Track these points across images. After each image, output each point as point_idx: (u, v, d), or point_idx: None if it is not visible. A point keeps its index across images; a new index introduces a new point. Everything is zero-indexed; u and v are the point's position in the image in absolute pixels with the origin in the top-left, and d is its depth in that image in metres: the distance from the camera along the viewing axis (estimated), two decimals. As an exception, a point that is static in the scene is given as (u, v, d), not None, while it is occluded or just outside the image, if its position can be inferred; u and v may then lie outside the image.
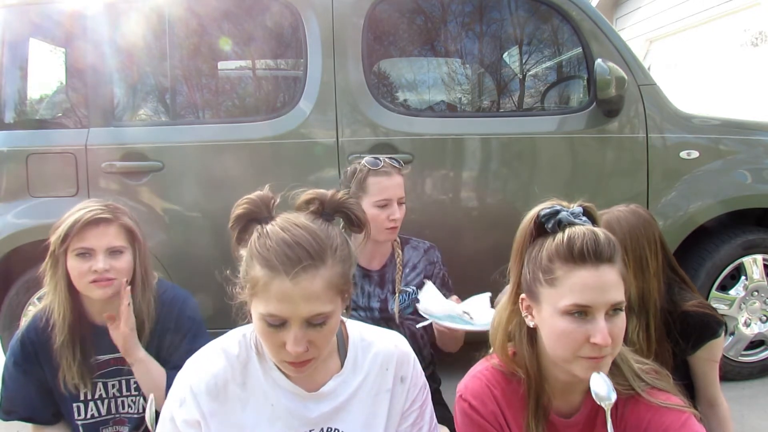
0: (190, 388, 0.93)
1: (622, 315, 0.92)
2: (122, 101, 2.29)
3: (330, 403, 0.98)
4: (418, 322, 1.78)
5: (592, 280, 0.90)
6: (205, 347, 0.99)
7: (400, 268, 1.75)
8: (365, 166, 1.68)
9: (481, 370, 1.08)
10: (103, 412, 1.42)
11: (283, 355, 0.86)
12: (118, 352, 1.37)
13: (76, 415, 1.40)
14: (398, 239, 1.79)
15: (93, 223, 1.29)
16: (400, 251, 1.77)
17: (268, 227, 0.87)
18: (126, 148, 2.16)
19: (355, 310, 1.73)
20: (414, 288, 1.76)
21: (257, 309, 0.86)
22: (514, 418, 1.03)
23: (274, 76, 2.52)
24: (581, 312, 0.90)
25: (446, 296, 1.80)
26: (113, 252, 1.32)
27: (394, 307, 1.73)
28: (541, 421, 1.01)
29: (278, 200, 0.92)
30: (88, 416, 1.41)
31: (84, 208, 1.30)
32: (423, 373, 1.09)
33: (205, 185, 2.16)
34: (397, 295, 1.73)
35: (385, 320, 1.73)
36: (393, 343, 1.05)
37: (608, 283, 0.90)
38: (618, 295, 0.90)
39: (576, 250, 0.90)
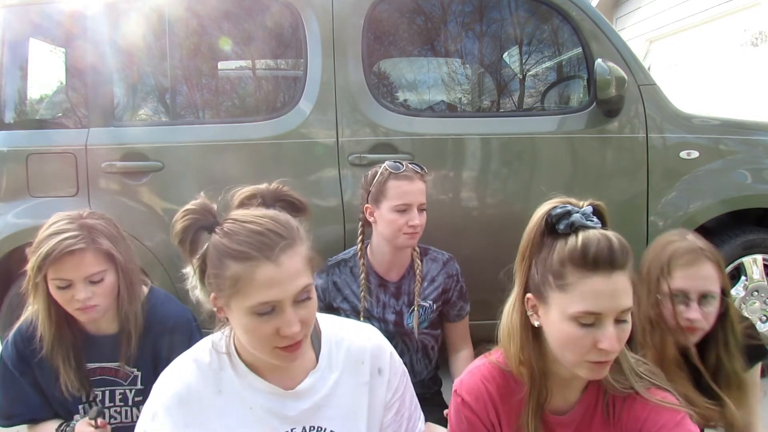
0: (162, 401, 0.92)
1: (629, 319, 0.91)
2: (122, 101, 2.29)
3: (308, 400, 0.97)
4: (433, 336, 1.77)
5: (605, 287, 0.88)
6: (176, 360, 0.98)
7: (419, 280, 1.69)
8: (386, 169, 1.64)
9: (478, 366, 1.09)
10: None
11: (277, 341, 0.86)
12: (103, 361, 1.37)
13: (83, 414, 1.40)
14: (417, 249, 1.74)
15: (67, 254, 1.21)
16: (419, 262, 1.71)
17: (229, 226, 0.87)
18: (126, 148, 2.16)
19: (368, 320, 1.69)
20: (431, 302, 1.71)
21: (242, 305, 0.84)
22: (506, 415, 1.04)
23: (274, 76, 2.52)
24: (590, 321, 0.90)
25: (462, 308, 1.78)
26: (93, 279, 1.28)
27: (412, 322, 1.69)
28: (539, 418, 1.01)
29: (216, 205, 0.92)
30: None
31: (56, 234, 1.23)
32: (401, 362, 1.09)
33: (205, 185, 2.15)
34: (416, 309, 1.69)
35: (400, 334, 1.70)
36: (366, 337, 1.06)
37: (620, 289, 0.89)
38: (628, 300, 0.90)
39: (591, 256, 0.88)
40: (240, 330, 0.88)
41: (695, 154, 2.18)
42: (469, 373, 1.08)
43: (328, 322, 1.05)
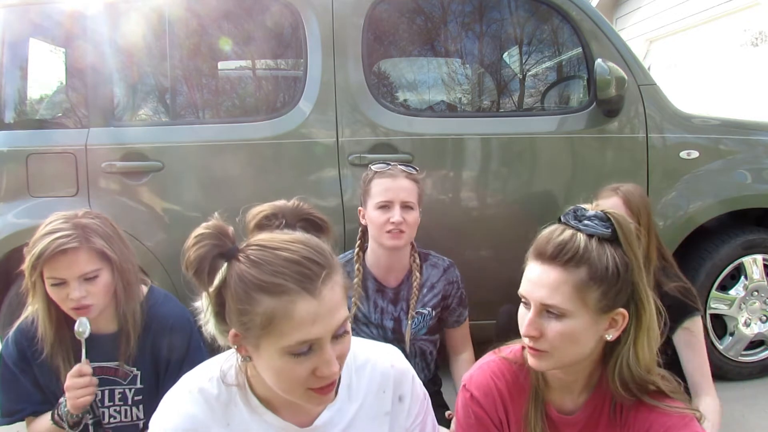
0: None
1: (567, 322, 0.91)
2: (122, 101, 2.29)
3: None
4: (432, 342, 1.76)
5: (535, 274, 0.93)
6: (178, 387, 0.90)
7: (416, 293, 1.67)
8: (372, 170, 1.66)
9: (488, 362, 1.09)
10: (97, 413, 1.42)
11: (311, 383, 0.78)
12: (101, 360, 1.37)
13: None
14: (417, 256, 1.71)
15: (60, 252, 1.22)
16: (418, 274, 1.68)
17: (256, 253, 0.77)
18: (126, 148, 2.16)
19: (366, 326, 1.68)
20: (430, 309, 1.70)
21: (275, 345, 0.75)
22: (514, 412, 1.04)
23: (274, 76, 2.52)
24: (525, 301, 0.95)
25: (462, 314, 1.77)
26: (87, 278, 1.28)
27: (406, 331, 1.68)
28: (541, 414, 1.02)
29: (231, 229, 0.82)
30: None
31: (50, 234, 1.24)
32: (422, 385, 1.06)
33: (205, 185, 2.16)
34: (409, 321, 1.67)
35: (398, 341, 1.68)
36: (389, 362, 0.99)
37: (546, 282, 0.91)
38: (551, 298, 0.90)
39: (542, 244, 0.93)
40: (269, 372, 0.79)
41: (695, 154, 2.18)
42: (479, 368, 1.09)
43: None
